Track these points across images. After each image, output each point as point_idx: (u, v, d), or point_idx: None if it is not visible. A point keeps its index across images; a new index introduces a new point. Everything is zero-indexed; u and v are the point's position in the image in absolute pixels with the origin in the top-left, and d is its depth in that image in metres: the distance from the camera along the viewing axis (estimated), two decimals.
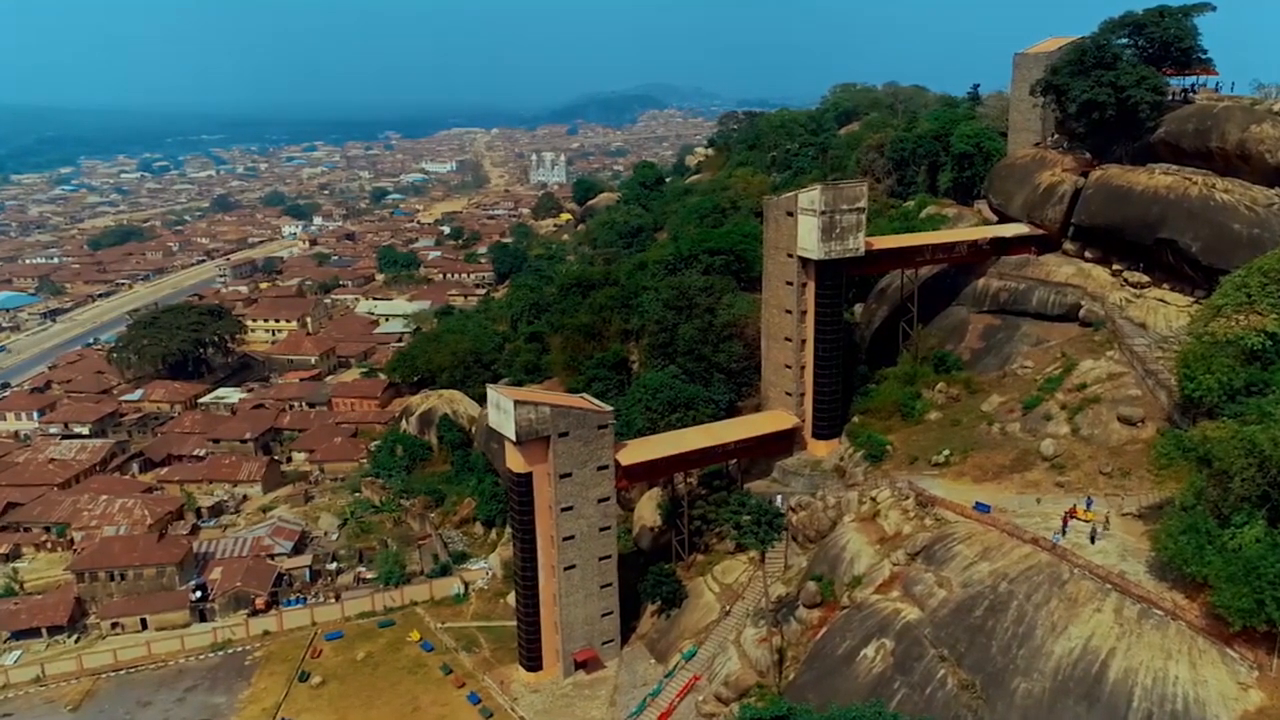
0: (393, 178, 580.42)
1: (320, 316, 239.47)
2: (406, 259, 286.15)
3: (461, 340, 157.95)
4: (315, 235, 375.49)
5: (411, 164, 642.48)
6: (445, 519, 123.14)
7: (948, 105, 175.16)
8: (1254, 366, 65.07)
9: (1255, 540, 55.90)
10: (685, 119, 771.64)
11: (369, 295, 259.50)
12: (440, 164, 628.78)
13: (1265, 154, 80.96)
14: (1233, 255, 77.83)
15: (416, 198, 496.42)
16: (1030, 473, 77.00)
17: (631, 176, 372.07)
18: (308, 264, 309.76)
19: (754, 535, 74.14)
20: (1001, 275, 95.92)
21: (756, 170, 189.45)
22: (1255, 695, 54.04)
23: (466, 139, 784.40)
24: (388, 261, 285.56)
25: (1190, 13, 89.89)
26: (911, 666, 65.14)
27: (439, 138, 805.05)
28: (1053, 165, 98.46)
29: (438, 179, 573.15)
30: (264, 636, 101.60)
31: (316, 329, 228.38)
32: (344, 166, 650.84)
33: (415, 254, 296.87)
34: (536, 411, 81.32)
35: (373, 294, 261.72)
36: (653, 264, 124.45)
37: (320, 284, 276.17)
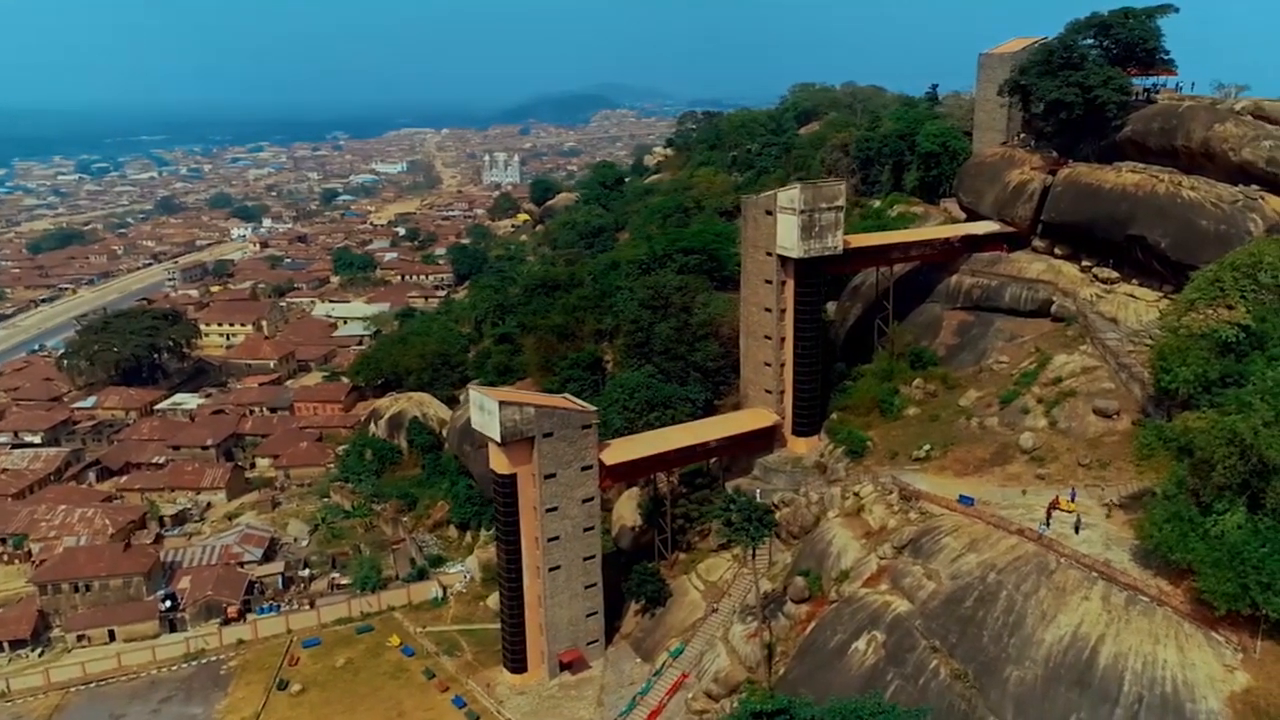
0: (342, 179, 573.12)
1: (276, 320, 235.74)
2: (362, 261, 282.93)
3: (428, 342, 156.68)
4: (266, 237, 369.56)
5: (361, 165, 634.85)
6: (418, 523, 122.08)
7: (906, 105, 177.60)
8: (1228, 358, 66.91)
9: (1237, 527, 57.60)
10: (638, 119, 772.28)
11: (325, 298, 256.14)
12: (391, 165, 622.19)
13: (1229, 152, 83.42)
14: (1200, 251, 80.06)
15: (368, 199, 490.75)
16: (1010, 466, 78.55)
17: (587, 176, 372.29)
18: (260, 266, 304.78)
19: (744, 532, 74.59)
20: (974, 272, 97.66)
21: (718, 170, 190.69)
22: (1241, 677, 55.74)
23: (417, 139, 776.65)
24: (343, 263, 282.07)
25: (1154, 14, 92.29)
26: (904, 658, 66.05)
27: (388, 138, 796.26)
28: (1021, 164, 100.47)
29: (389, 180, 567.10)
30: (238, 645, 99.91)
31: (273, 332, 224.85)
32: (292, 167, 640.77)
33: (371, 256, 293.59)
34: (521, 412, 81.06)
35: (329, 296, 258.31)
36: (626, 264, 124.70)
37: (274, 287, 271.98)
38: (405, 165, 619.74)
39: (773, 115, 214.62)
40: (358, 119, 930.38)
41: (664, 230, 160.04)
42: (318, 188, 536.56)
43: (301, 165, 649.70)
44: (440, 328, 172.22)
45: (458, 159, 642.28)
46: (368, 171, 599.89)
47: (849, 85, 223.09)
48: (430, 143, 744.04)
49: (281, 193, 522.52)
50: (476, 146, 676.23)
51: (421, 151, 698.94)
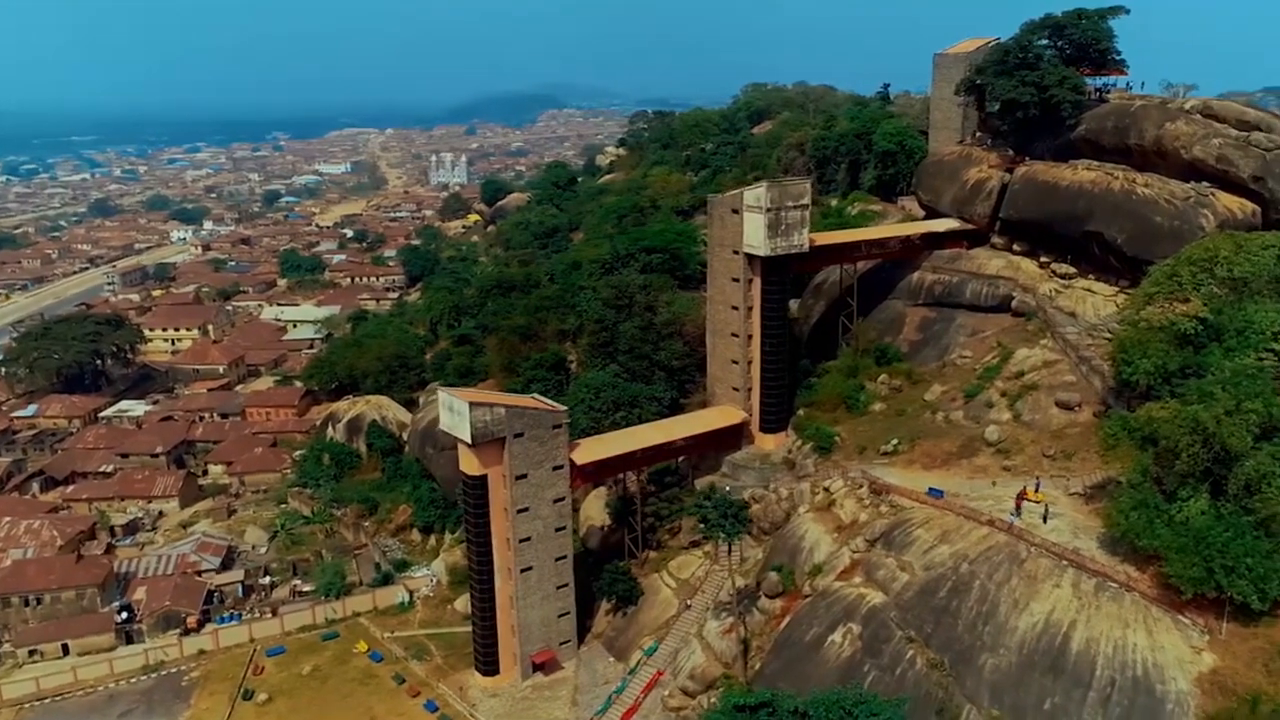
0: (284, 180, 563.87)
1: (223, 324, 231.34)
2: (310, 263, 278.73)
3: (385, 345, 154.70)
4: (208, 240, 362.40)
5: (303, 165, 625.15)
6: (380, 527, 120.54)
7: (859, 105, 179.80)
8: (1186, 350, 68.95)
9: (1200, 513, 59.51)
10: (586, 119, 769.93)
11: (273, 301, 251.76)
12: (334, 165, 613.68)
13: (1180, 150, 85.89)
14: (1155, 246, 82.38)
15: (311, 200, 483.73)
16: (977, 458, 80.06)
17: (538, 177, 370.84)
18: (203, 270, 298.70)
19: (720, 528, 74.98)
20: (935, 269, 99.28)
21: (672, 169, 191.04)
22: (1208, 658, 57.55)
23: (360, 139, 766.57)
24: (290, 266, 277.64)
25: (1105, 15, 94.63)
26: (880, 649, 67.00)
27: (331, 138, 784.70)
28: (979, 162, 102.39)
29: (332, 181, 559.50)
30: (199, 656, 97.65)
31: (221, 337, 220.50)
32: (231, 168, 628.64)
33: (319, 258, 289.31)
34: (492, 413, 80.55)
35: (277, 299, 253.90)
36: (588, 263, 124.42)
37: (219, 290, 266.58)
38: (349, 166, 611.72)
39: (725, 115, 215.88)
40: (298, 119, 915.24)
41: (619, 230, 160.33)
42: (259, 189, 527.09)
43: (241, 166, 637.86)
44: (395, 330, 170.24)
45: (403, 159, 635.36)
46: (310, 172, 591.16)
47: (801, 85, 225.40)
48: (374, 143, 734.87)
49: (222, 194, 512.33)
50: (422, 147, 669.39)
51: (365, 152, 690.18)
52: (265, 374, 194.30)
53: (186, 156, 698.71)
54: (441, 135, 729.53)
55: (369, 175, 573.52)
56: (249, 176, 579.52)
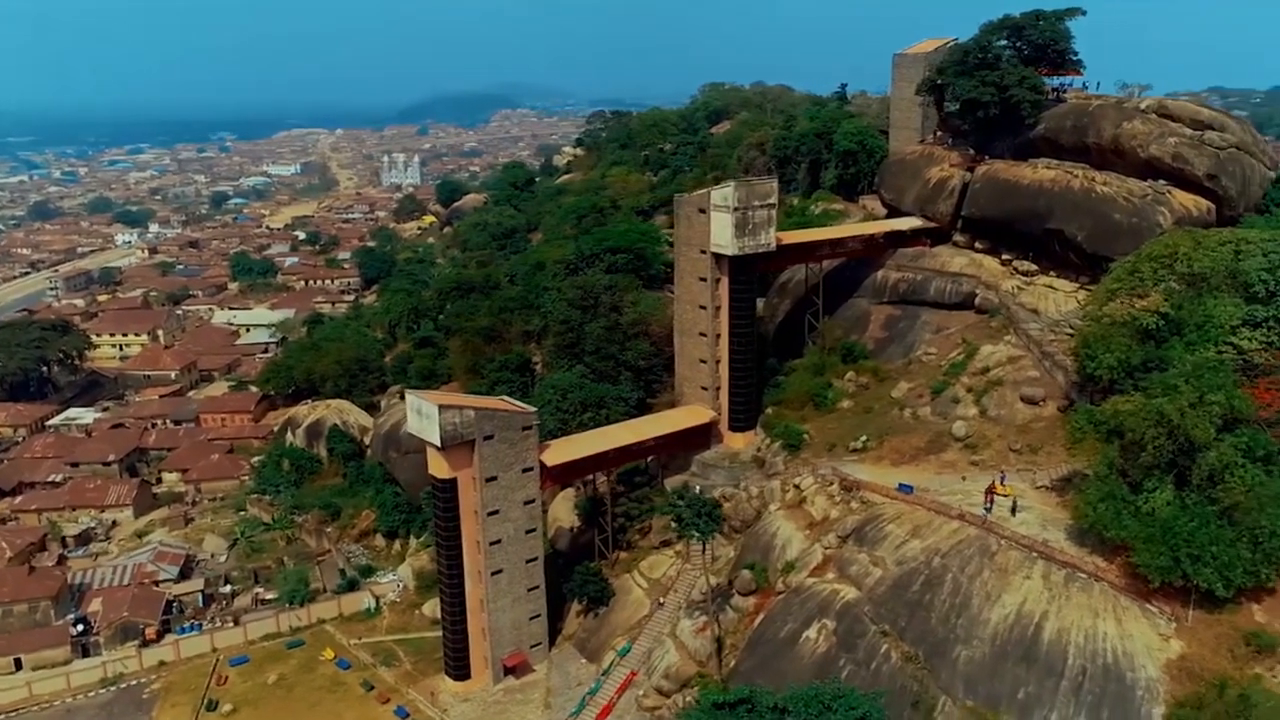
0: (232, 181, 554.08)
1: (174, 329, 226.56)
2: (262, 266, 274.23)
3: (344, 348, 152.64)
4: (154, 243, 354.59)
5: (251, 167, 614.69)
6: (343, 533, 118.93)
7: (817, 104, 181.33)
8: (1148, 345, 70.34)
9: (1166, 503, 60.67)
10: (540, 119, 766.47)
11: (225, 305, 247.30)
12: (283, 166, 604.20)
13: (1137, 149, 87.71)
14: (1115, 243, 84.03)
15: (260, 202, 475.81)
16: (945, 453, 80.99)
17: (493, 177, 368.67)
18: (150, 274, 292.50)
19: (695, 527, 75.05)
20: (899, 267, 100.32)
21: (631, 169, 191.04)
22: (1176, 645, 58.80)
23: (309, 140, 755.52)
24: (242, 269, 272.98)
25: (1063, 16, 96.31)
26: (855, 644, 67.45)
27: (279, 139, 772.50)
28: (941, 161, 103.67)
29: (281, 182, 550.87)
30: (160, 667, 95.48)
31: (171, 342, 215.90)
32: (176, 170, 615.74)
33: (271, 261, 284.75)
34: (461, 415, 79.84)
35: (229, 303, 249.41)
36: (552, 264, 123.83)
37: (168, 295, 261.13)
38: (299, 167, 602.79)
39: (684, 115, 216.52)
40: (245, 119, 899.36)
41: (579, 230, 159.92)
42: (206, 191, 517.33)
43: (187, 167, 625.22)
44: (354, 333, 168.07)
45: (354, 160, 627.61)
46: (259, 174, 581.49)
47: (758, 85, 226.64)
48: (324, 144, 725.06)
49: (167, 196, 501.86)
50: (373, 147, 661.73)
51: (315, 153, 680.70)
52: (219, 379, 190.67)
53: (129, 158, 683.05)
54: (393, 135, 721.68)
55: (319, 176, 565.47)
56: (195, 178, 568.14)
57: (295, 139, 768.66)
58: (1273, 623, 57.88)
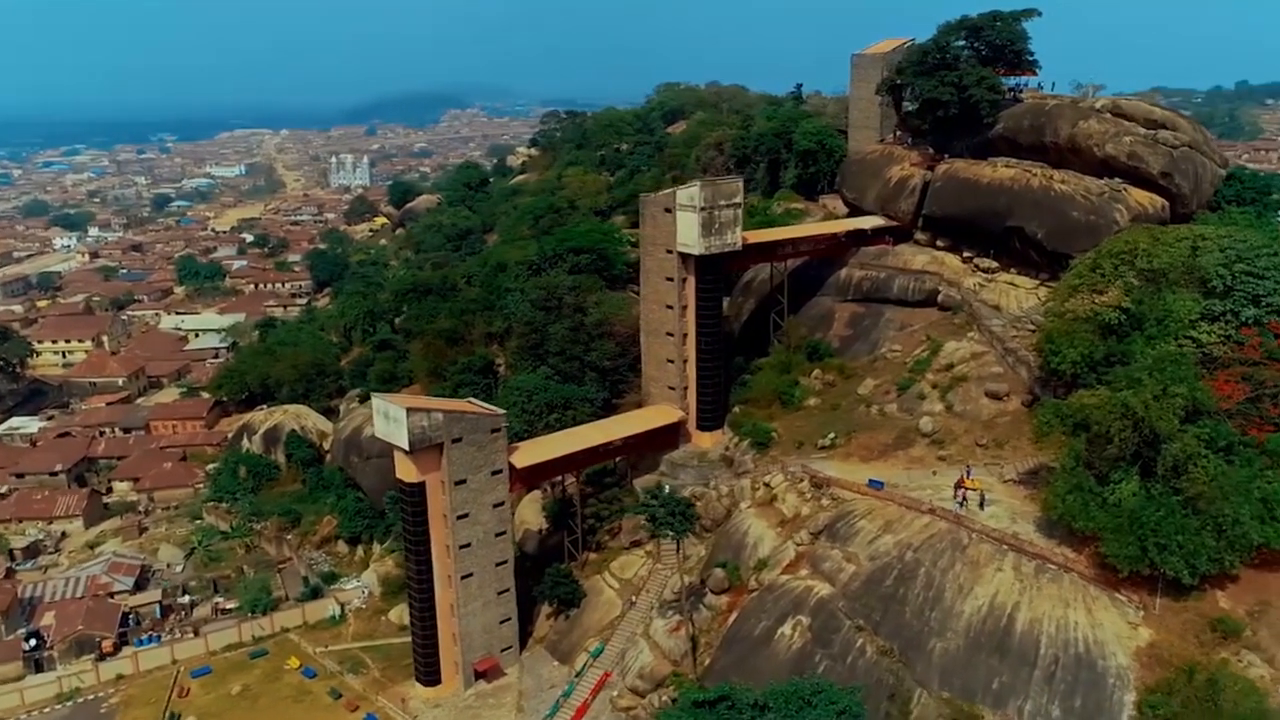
0: (174, 183, 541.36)
1: (119, 334, 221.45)
2: (210, 270, 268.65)
3: (300, 353, 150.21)
4: (95, 247, 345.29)
5: (194, 168, 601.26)
6: (304, 540, 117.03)
7: (772, 104, 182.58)
8: (1110, 340, 71.88)
9: (1132, 494, 61.91)
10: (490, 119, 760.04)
11: (172, 309, 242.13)
12: (227, 168, 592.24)
13: (1093, 147, 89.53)
14: (1074, 241, 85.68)
15: (205, 204, 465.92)
16: (913, 449, 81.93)
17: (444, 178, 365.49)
18: (92, 278, 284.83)
19: (669, 526, 75.05)
20: (863, 265, 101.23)
21: (587, 169, 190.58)
22: (1145, 632, 60.08)
23: (253, 141, 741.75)
24: (188, 273, 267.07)
25: (1019, 17, 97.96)
26: (830, 639, 67.92)
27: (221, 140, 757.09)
28: (901, 160, 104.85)
29: (226, 184, 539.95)
30: (118, 681, 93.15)
31: (117, 348, 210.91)
32: (115, 172, 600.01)
33: (218, 264, 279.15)
34: (429, 418, 78.97)
35: (176, 308, 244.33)
36: (515, 264, 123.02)
37: (112, 300, 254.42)
38: (243, 168, 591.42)
39: (639, 115, 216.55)
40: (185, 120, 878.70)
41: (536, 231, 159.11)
42: (147, 193, 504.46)
43: (126, 169, 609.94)
44: (309, 337, 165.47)
45: (300, 161, 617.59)
46: (202, 175, 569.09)
47: (713, 84, 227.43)
48: (269, 144, 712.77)
49: (106, 199, 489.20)
50: (320, 148, 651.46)
51: (260, 154, 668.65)
52: (168, 385, 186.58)
53: (65, 159, 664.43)
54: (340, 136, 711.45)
55: (265, 178, 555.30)
56: (135, 180, 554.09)
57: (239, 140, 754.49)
58: (1236, 608, 59.41)
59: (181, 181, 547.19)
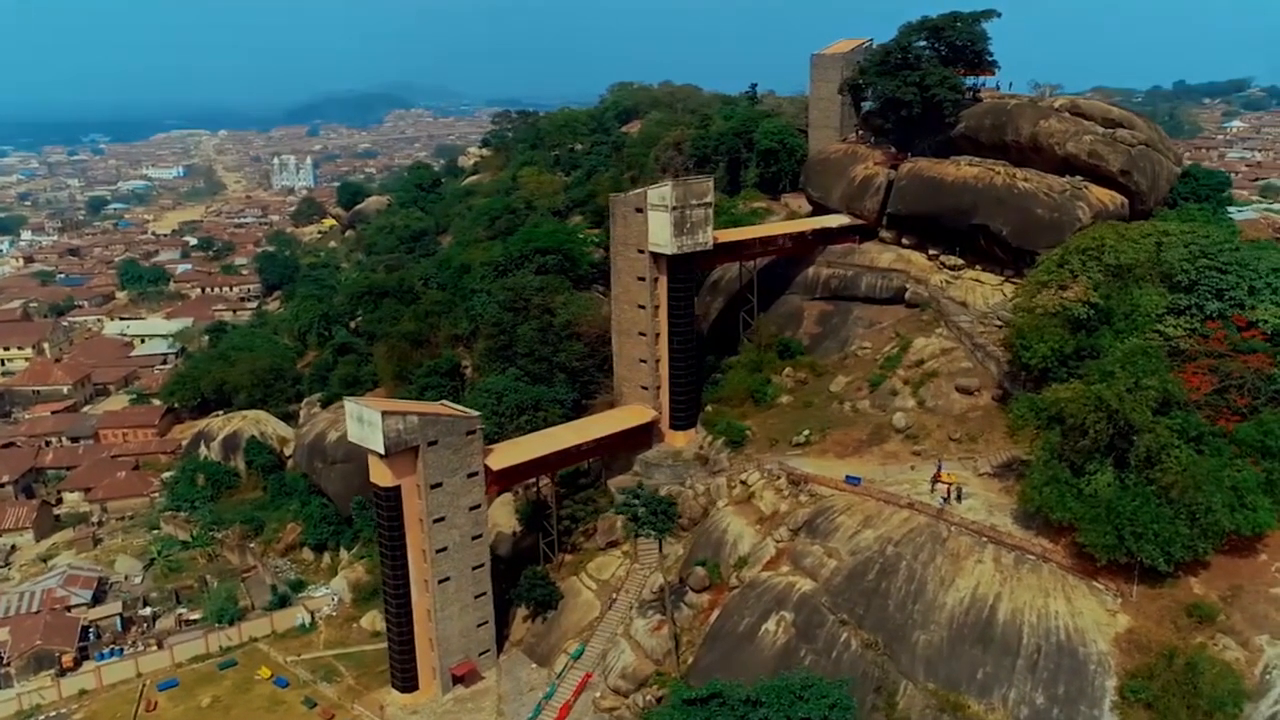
0: (109, 185, 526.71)
1: (60, 341, 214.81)
2: (154, 274, 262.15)
3: (258, 357, 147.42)
4: (30, 251, 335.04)
5: (129, 170, 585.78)
6: (267, 548, 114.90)
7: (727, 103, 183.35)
8: (1080, 334, 73.56)
9: (1108, 485, 63.46)
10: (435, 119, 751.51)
11: (115, 315, 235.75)
12: (164, 169, 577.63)
13: (1054, 146, 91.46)
14: (1038, 237, 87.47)
15: (142, 207, 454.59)
16: (887, 444, 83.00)
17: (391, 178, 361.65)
18: (28, 284, 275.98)
19: (652, 525, 75.12)
20: (830, 264, 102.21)
21: (542, 170, 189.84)
22: (1123, 619, 61.65)
23: (191, 142, 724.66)
24: (131, 277, 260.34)
25: (979, 18, 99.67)
26: (814, 634, 68.56)
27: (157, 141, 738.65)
28: (865, 159, 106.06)
29: (164, 186, 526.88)
30: (81, 696, 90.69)
31: (59, 355, 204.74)
32: (46, 174, 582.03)
33: (162, 268, 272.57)
34: (405, 421, 78.08)
35: (119, 313, 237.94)
36: (479, 266, 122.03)
37: (51, 306, 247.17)
38: (181, 170, 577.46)
39: (593, 114, 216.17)
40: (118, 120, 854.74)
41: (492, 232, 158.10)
42: (81, 196, 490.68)
43: (58, 171, 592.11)
44: (264, 342, 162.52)
45: (241, 163, 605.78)
46: (138, 177, 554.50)
47: (667, 84, 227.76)
48: (207, 145, 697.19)
49: (38, 202, 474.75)
50: (260, 149, 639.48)
51: (198, 155, 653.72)
52: (116, 393, 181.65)
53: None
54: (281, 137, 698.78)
55: (205, 180, 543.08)
56: (68, 182, 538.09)
57: (175, 140, 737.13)
58: (1209, 594, 61.20)
59: (117, 184, 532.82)
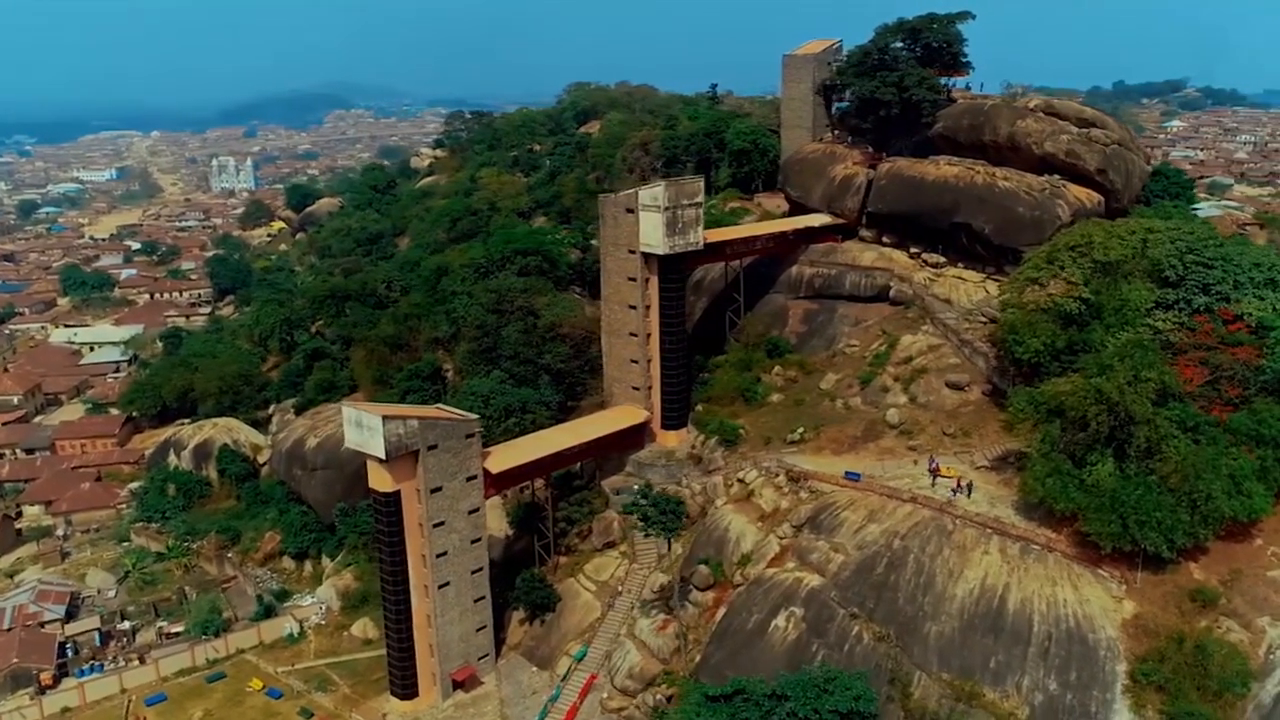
0: (39, 189, 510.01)
1: (2, 350, 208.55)
2: (97, 279, 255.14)
3: (225, 363, 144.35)
4: None
5: (59, 172, 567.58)
6: (246, 558, 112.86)
7: (686, 104, 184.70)
8: (1071, 329, 75.61)
9: (1109, 475, 65.38)
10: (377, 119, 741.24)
11: (60, 322, 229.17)
12: (96, 172, 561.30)
13: (1032, 145, 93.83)
14: (1020, 235, 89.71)
15: (76, 210, 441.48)
16: (882, 440, 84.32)
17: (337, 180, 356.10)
18: None
19: (662, 525, 75.42)
20: (813, 263, 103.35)
21: (501, 170, 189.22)
22: (1129, 605, 63.51)
23: (122, 143, 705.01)
24: (73, 283, 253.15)
25: (954, 20, 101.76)
26: (825, 629, 69.38)
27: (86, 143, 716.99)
28: (843, 159, 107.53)
29: (97, 189, 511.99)
30: (64, 714, 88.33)
31: (3, 364, 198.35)
32: None
33: (106, 273, 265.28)
34: (405, 425, 77.45)
35: (62, 321, 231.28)
36: (459, 268, 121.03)
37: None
38: (114, 172, 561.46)
39: (551, 114, 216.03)
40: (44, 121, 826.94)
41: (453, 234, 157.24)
42: (10, 199, 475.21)
43: None
44: (227, 348, 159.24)
45: (176, 164, 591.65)
46: (69, 180, 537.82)
47: (623, 84, 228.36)
48: (140, 147, 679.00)
49: None
50: (196, 151, 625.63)
51: (131, 156, 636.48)
52: (69, 402, 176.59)
53: None
54: (217, 138, 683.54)
55: (140, 182, 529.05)
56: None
57: (106, 142, 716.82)
58: (1210, 579, 63.36)
59: (47, 187, 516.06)
